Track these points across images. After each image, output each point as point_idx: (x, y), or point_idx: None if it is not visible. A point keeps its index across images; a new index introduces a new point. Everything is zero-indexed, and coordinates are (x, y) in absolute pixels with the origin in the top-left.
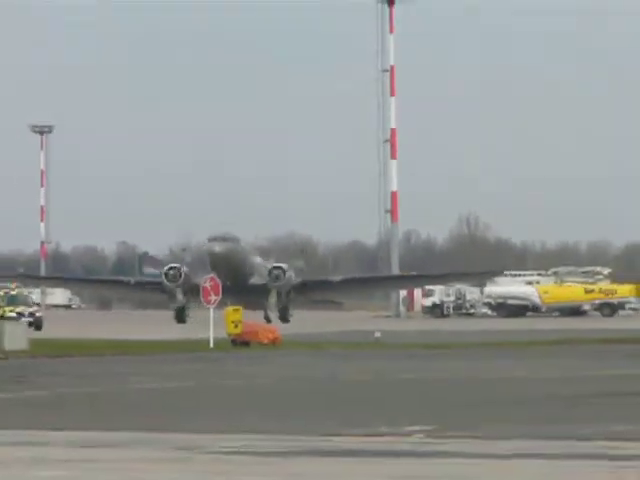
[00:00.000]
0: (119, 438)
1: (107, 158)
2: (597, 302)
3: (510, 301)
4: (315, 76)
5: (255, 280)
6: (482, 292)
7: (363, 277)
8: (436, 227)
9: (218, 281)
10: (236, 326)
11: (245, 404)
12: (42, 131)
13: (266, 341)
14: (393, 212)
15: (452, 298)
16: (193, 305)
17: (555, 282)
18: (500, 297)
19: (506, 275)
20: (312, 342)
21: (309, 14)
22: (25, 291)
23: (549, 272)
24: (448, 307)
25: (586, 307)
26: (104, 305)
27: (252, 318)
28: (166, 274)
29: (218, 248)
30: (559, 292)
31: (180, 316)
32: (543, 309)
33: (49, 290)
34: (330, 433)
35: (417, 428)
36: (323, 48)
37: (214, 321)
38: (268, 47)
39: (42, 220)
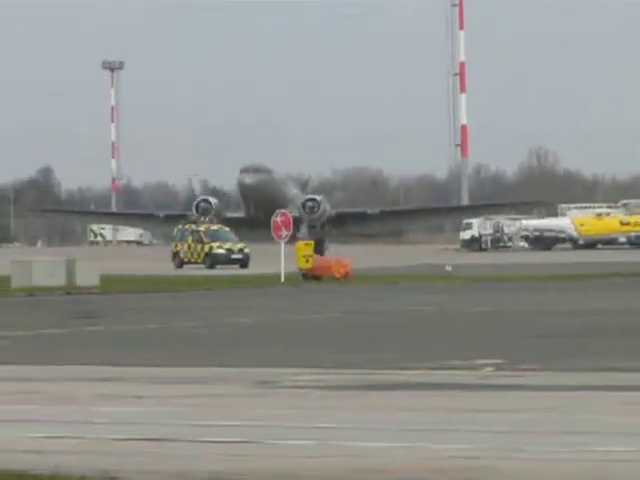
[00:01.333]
0: (194, 374)
1: (177, 95)
2: (633, 234)
3: (547, 234)
4: (386, 10)
5: (290, 213)
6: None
7: (399, 209)
8: (505, 160)
9: (290, 216)
10: (307, 260)
11: (315, 338)
12: (112, 67)
13: (338, 275)
14: (463, 146)
15: (490, 231)
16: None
17: (625, 214)
18: (536, 230)
19: (572, 207)
20: (383, 276)
21: None
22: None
23: (618, 204)
24: (486, 241)
25: (622, 239)
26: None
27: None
28: (197, 206)
29: (249, 179)
30: (595, 224)
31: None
32: (580, 241)
33: (121, 227)
34: (401, 367)
35: (487, 362)
36: None
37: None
38: None
39: (113, 156)
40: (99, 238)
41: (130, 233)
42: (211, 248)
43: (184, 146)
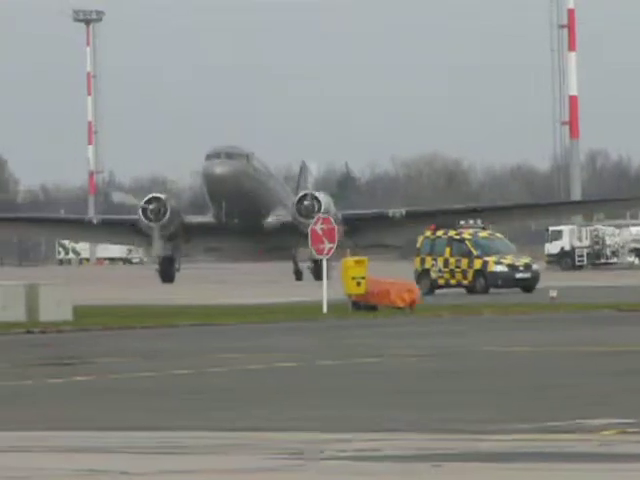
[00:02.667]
0: (208, 441)
1: (174, 55)
2: None
3: None
4: None
5: (277, 217)
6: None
7: (429, 210)
8: (631, 146)
9: (334, 223)
10: (359, 284)
11: (366, 390)
12: (88, 19)
13: (401, 303)
14: (572, 125)
15: (586, 243)
16: (181, 254)
17: None
18: None
19: None
20: (459, 304)
21: None
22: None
23: None
24: (581, 255)
25: None
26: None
27: (275, 272)
28: (144, 209)
29: (220, 169)
30: None
31: (166, 271)
32: None
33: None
34: (488, 430)
35: (609, 421)
36: None
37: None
38: None
39: (90, 142)
40: (71, 255)
41: (114, 248)
42: (485, 264)
43: (188, 127)
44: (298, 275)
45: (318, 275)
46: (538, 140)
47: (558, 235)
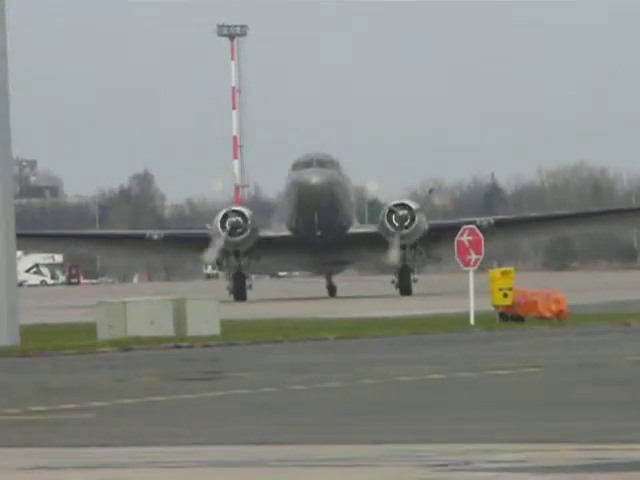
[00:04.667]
0: (350, 452)
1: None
2: None
3: None
4: None
5: (359, 228)
6: None
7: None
8: None
9: (480, 235)
10: (506, 295)
11: (513, 402)
12: (232, 34)
13: (548, 314)
14: None
15: None
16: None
17: None
18: None
19: None
20: (610, 313)
21: None
22: None
23: None
24: None
25: None
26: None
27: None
28: (221, 223)
29: (316, 179)
30: None
31: (239, 289)
32: None
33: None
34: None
35: None
36: None
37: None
38: None
39: (235, 156)
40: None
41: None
42: None
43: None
44: (331, 290)
45: (404, 289)
46: None
47: None
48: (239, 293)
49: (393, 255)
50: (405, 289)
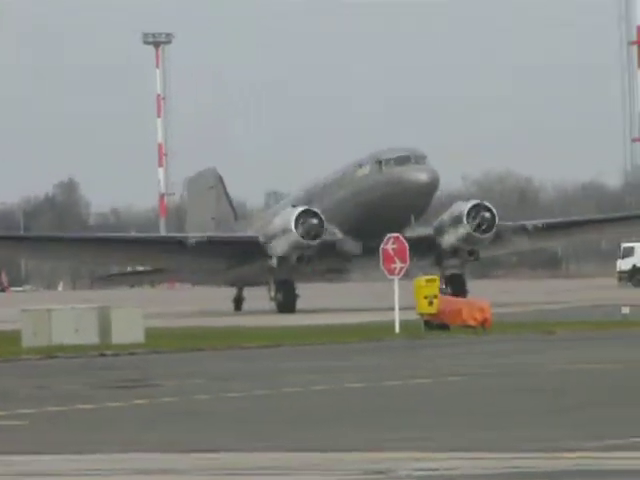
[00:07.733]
0: (283, 461)
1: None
2: None
3: None
4: None
5: (416, 231)
6: None
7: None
8: None
9: (405, 242)
10: (431, 303)
11: (436, 410)
12: (157, 42)
13: (473, 322)
14: None
15: None
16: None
17: None
18: None
19: None
20: (534, 322)
21: None
22: None
23: None
24: None
25: None
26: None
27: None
28: (296, 221)
29: (425, 176)
30: None
31: (287, 299)
32: None
33: None
34: (567, 447)
35: None
36: None
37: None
38: None
39: (160, 164)
40: None
41: None
42: None
43: (268, 146)
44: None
45: (463, 292)
46: (609, 156)
47: (630, 252)
48: (288, 304)
49: (450, 264)
50: (462, 294)
